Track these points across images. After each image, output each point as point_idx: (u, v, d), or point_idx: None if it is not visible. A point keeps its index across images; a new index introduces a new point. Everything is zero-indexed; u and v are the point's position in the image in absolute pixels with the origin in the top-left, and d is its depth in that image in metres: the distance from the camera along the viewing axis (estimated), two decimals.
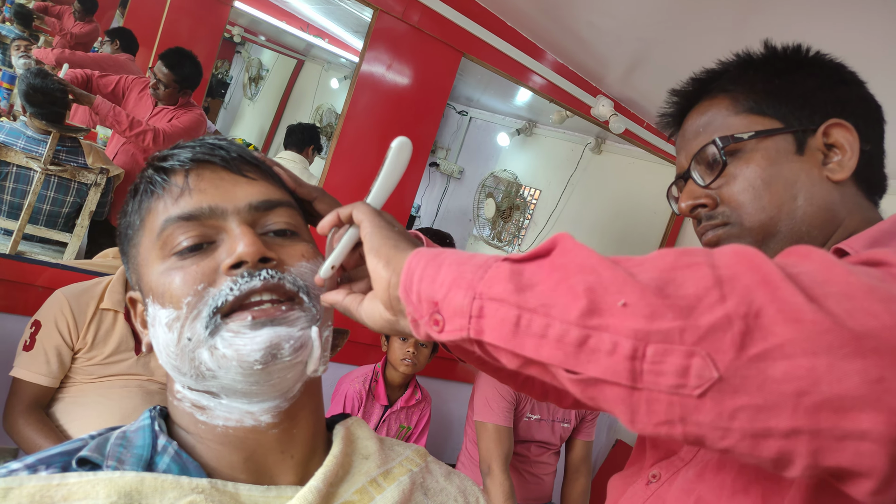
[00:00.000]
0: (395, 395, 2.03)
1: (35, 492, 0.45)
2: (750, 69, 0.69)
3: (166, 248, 0.52)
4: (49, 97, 1.77)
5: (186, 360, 0.50)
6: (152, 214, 0.54)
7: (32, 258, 1.76)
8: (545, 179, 3.77)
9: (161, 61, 2.06)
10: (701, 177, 0.70)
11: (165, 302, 0.50)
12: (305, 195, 0.62)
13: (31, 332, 1.42)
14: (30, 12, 2.18)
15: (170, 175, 0.54)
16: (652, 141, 2.70)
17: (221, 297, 0.49)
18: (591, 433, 2.18)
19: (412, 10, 1.99)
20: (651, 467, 0.76)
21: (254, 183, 0.56)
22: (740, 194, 0.67)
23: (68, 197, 1.89)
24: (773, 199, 0.65)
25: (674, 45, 1.84)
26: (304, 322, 0.51)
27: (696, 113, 0.73)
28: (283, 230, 0.56)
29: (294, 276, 0.53)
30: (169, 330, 0.50)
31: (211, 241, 0.52)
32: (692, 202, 0.71)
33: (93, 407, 1.43)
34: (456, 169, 4.05)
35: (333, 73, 3.36)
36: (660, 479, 0.74)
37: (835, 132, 0.65)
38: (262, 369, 0.49)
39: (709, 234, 0.71)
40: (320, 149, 2.84)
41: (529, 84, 2.33)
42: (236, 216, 0.53)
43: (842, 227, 0.66)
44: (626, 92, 2.45)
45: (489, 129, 4.03)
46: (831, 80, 0.67)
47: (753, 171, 0.66)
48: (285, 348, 0.49)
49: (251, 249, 0.50)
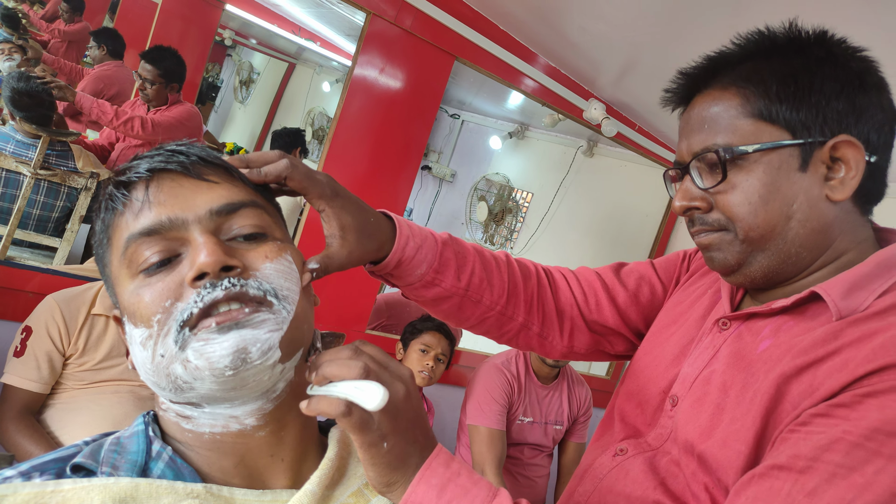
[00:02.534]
0: None
1: (30, 499, 0.44)
2: (767, 67, 0.66)
3: (133, 265, 0.51)
4: (35, 99, 1.76)
5: (163, 375, 0.49)
6: (117, 232, 0.52)
7: (22, 263, 1.74)
8: (537, 182, 3.78)
9: (143, 60, 2.07)
10: (700, 177, 0.69)
11: (137, 321, 0.50)
12: (274, 180, 0.59)
13: (21, 337, 1.41)
14: (16, 14, 2.16)
15: (130, 189, 0.52)
16: (644, 144, 2.71)
17: (188, 310, 0.48)
18: (584, 435, 2.18)
19: (405, 14, 2.00)
20: (620, 442, 0.79)
21: (215, 187, 0.54)
22: (736, 207, 0.66)
23: (58, 201, 1.88)
24: (768, 217, 0.65)
25: (665, 48, 1.85)
26: (273, 324, 0.50)
27: (705, 100, 0.70)
28: (250, 234, 0.54)
29: (259, 281, 0.51)
30: (143, 348, 0.50)
31: (176, 255, 0.51)
32: (687, 204, 0.70)
33: (84, 413, 1.42)
34: (448, 172, 4.06)
35: (325, 76, 3.36)
36: (626, 453, 0.77)
37: (843, 148, 0.63)
38: (234, 375, 0.48)
39: (703, 237, 0.71)
40: (307, 152, 2.85)
41: (522, 87, 2.33)
42: (198, 225, 0.51)
43: (831, 249, 0.66)
44: (618, 95, 2.46)
45: (481, 132, 4.04)
46: (852, 85, 0.64)
47: (752, 186, 0.65)
48: (253, 352, 0.48)
49: (210, 260, 0.48)
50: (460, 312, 0.81)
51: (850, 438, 0.52)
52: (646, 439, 0.75)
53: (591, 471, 0.79)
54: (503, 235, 3.83)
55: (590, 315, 0.89)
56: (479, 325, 0.84)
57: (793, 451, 0.56)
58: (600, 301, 0.89)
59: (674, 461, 0.70)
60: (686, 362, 0.75)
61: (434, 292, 0.77)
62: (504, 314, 0.83)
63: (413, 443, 0.53)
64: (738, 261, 0.69)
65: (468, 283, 0.78)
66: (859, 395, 0.55)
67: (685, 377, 0.74)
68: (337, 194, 0.63)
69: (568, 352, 0.90)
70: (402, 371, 0.54)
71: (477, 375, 2.01)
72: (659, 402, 0.76)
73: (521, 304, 0.84)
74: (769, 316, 0.69)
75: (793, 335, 0.65)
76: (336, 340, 1.40)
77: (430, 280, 0.75)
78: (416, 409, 0.54)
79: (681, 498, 0.68)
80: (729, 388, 0.67)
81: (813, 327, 0.64)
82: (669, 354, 0.79)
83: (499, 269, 0.83)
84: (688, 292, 0.85)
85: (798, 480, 0.53)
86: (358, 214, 0.65)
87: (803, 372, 0.60)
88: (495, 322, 0.84)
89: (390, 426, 0.51)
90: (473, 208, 3.90)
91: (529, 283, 0.86)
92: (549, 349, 0.90)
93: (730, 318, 0.73)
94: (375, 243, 0.67)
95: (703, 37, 1.68)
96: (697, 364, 0.73)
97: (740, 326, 0.72)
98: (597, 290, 0.89)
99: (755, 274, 0.69)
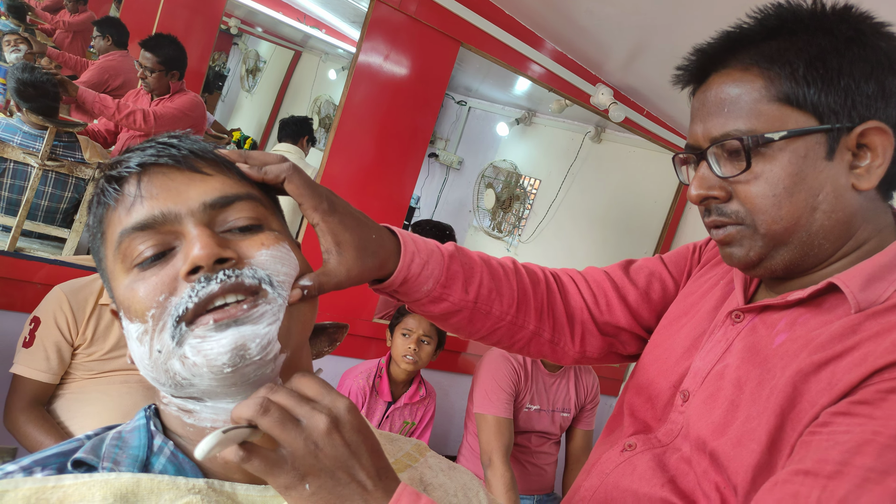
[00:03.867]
0: (399, 392, 2.02)
1: (31, 494, 0.44)
2: (792, 48, 0.62)
3: (127, 260, 0.50)
4: (40, 89, 1.76)
5: (161, 371, 0.49)
6: (110, 227, 0.52)
7: (31, 254, 1.75)
8: (545, 169, 3.75)
9: (142, 48, 2.06)
10: (718, 165, 0.65)
11: (133, 316, 0.49)
12: (272, 180, 0.56)
13: (30, 328, 1.42)
14: (23, 6, 2.16)
15: (121, 183, 0.52)
16: (652, 129, 2.68)
17: (182, 305, 0.47)
18: (591, 422, 2.18)
19: (409, 0, 1.97)
20: (629, 437, 0.77)
21: (208, 179, 0.53)
22: (759, 199, 0.63)
23: (66, 192, 1.89)
24: (793, 209, 0.62)
25: (674, 31, 1.82)
26: (270, 316, 0.49)
27: (723, 80, 0.65)
28: (246, 226, 0.53)
29: (254, 269, 0.50)
30: (140, 343, 0.49)
31: (171, 248, 0.50)
32: (705, 193, 0.66)
33: (94, 403, 1.43)
34: (455, 159, 4.04)
35: (331, 64, 3.34)
36: (635, 448, 0.74)
37: (871, 135, 0.60)
38: (233, 372, 0.48)
39: (719, 233, 0.68)
40: (314, 140, 2.84)
41: (528, 73, 2.31)
42: (191, 218, 0.50)
43: (853, 238, 0.64)
44: (626, 80, 2.43)
45: (488, 118, 4.01)
46: (881, 67, 0.60)
47: (777, 176, 0.62)
48: (252, 348, 0.48)
49: (203, 253, 0.48)
50: (471, 325, 0.78)
51: (880, 440, 0.50)
52: (655, 435, 0.74)
53: (598, 465, 0.78)
54: (511, 223, 3.82)
55: (601, 317, 0.86)
56: (489, 336, 0.82)
57: (819, 455, 0.53)
58: (611, 301, 0.86)
59: (684, 458, 0.69)
60: (698, 356, 0.73)
61: (442, 307, 0.74)
62: (515, 323, 0.81)
63: (348, 484, 0.47)
64: (759, 256, 0.66)
65: (476, 295, 0.76)
66: (882, 390, 0.52)
67: (697, 371, 0.72)
68: (335, 209, 0.59)
69: (580, 357, 0.88)
70: (332, 403, 0.48)
71: (483, 364, 2.01)
72: (669, 397, 0.74)
73: (531, 312, 0.82)
74: (784, 308, 0.67)
75: (809, 329, 0.63)
76: (340, 331, 1.40)
77: (438, 296, 0.72)
78: (350, 445, 0.48)
79: (690, 496, 0.66)
80: (744, 383, 0.65)
81: (830, 320, 0.62)
82: (680, 347, 0.77)
83: (507, 277, 0.80)
84: (699, 283, 0.83)
85: (827, 487, 0.50)
86: (357, 230, 0.61)
87: (821, 369, 0.58)
88: (506, 332, 0.81)
89: (309, 465, 0.46)
90: (481, 196, 3.88)
91: (539, 289, 0.83)
92: (561, 355, 0.87)
93: (743, 311, 0.71)
94: (377, 260, 0.63)
95: (712, 17, 1.65)
96: (710, 358, 0.71)
97: (754, 319, 0.70)
98: (606, 290, 0.87)
99: (776, 267, 0.66)
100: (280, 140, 2.71)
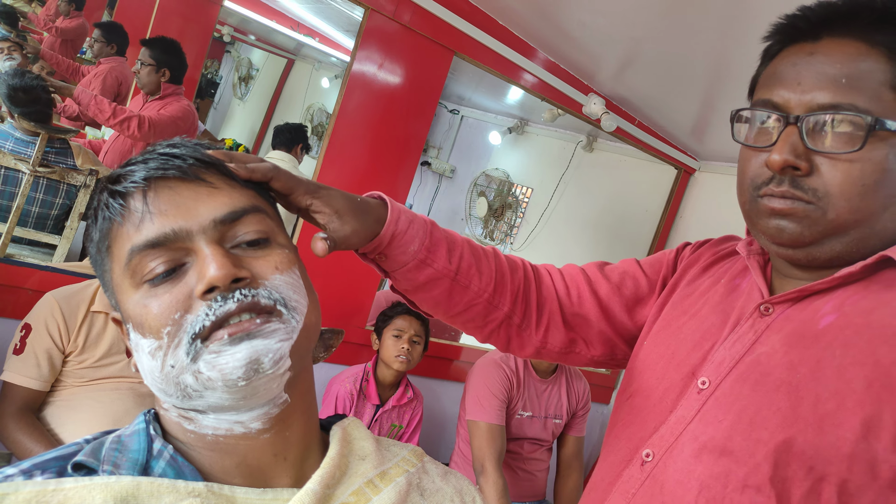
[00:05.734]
0: (387, 395, 2.03)
1: (31, 497, 0.44)
2: None
3: (137, 276, 0.50)
4: (32, 95, 1.75)
5: (172, 384, 0.50)
6: (117, 242, 0.52)
7: (22, 261, 1.74)
8: (537, 177, 3.78)
9: (141, 44, 2.11)
10: (815, 136, 0.60)
11: (145, 332, 0.49)
12: (261, 178, 0.58)
13: (21, 335, 1.41)
14: (15, 12, 2.16)
15: (126, 199, 0.51)
16: (643, 139, 2.71)
17: (199, 323, 0.48)
18: (583, 429, 2.19)
19: (403, 9, 1.99)
20: (644, 447, 0.74)
21: (215, 193, 0.53)
22: (847, 184, 0.59)
23: (57, 199, 1.88)
24: (871, 203, 0.59)
25: (665, 43, 1.85)
26: (283, 333, 0.50)
27: (846, 49, 0.60)
28: (255, 240, 0.53)
29: (269, 290, 0.51)
30: (152, 358, 0.50)
31: (181, 264, 0.51)
32: (792, 160, 0.60)
33: (84, 410, 1.42)
34: (448, 168, 4.06)
35: (324, 72, 3.35)
36: (654, 457, 0.71)
37: None
38: (246, 385, 0.48)
39: (781, 203, 0.63)
40: (308, 148, 2.84)
41: (521, 82, 2.33)
42: (203, 235, 0.51)
43: None
44: (618, 90, 2.46)
45: (481, 127, 4.03)
46: None
47: (871, 167, 0.58)
48: (265, 362, 0.49)
49: (220, 273, 0.48)
50: (449, 299, 0.80)
51: None
52: (667, 426, 0.72)
53: (621, 485, 0.74)
54: (503, 231, 3.83)
55: (570, 308, 0.88)
56: (465, 313, 0.83)
57: None
58: (582, 294, 0.88)
59: (704, 461, 0.66)
60: (721, 346, 0.71)
61: (426, 274, 0.76)
62: (491, 302, 0.83)
63: None
64: (812, 239, 0.62)
65: (458, 265, 0.78)
66: None
67: (720, 361, 0.70)
68: (321, 188, 0.65)
69: (540, 347, 0.89)
70: None
71: (475, 371, 2.01)
72: (682, 387, 0.73)
73: (507, 294, 0.84)
74: (828, 291, 0.65)
75: (865, 309, 0.61)
76: (335, 337, 1.40)
77: (423, 259, 0.75)
78: None
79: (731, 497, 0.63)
80: (797, 365, 0.62)
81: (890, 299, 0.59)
82: (689, 341, 0.76)
83: (486, 257, 0.83)
84: (693, 286, 0.84)
85: None
86: (347, 198, 0.67)
87: None
88: (482, 310, 0.83)
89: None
90: (473, 204, 3.90)
91: (516, 274, 0.86)
92: (523, 342, 0.88)
93: (772, 303, 0.69)
94: (372, 216, 0.69)
95: (703, 30, 1.68)
96: (737, 348, 0.69)
97: (787, 309, 0.68)
98: (579, 283, 0.89)
99: (820, 255, 0.63)
100: (274, 147, 2.72)
